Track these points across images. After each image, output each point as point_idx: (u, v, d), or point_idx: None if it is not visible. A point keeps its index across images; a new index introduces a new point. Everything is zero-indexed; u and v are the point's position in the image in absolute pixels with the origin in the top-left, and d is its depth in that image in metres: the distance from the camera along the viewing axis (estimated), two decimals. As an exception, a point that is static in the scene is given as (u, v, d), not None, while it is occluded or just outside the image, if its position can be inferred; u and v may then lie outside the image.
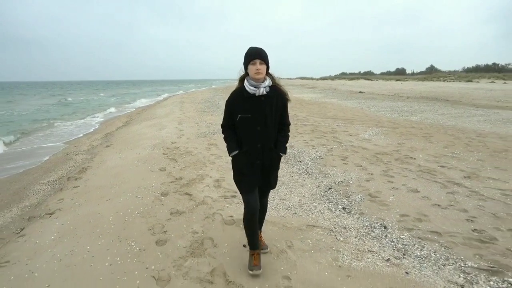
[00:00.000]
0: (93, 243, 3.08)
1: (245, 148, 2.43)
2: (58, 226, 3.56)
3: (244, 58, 2.37)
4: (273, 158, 2.48)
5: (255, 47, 2.35)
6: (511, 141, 7.35)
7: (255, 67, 2.28)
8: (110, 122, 14.84)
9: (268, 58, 2.36)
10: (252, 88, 2.32)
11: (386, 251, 2.88)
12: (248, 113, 2.36)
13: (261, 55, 2.31)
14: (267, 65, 2.35)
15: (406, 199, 4.01)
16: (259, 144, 2.40)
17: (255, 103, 2.35)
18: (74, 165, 6.78)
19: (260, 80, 2.33)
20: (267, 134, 2.41)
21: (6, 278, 2.65)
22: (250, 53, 2.32)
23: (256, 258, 2.54)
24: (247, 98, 2.35)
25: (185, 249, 2.89)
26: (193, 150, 6.72)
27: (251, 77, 2.34)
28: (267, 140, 2.42)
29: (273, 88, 2.40)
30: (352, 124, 10.19)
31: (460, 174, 4.97)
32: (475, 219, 3.45)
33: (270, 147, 2.44)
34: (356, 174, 5.02)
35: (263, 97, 2.35)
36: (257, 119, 2.36)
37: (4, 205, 4.77)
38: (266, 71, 2.36)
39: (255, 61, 2.29)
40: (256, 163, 2.43)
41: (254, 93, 2.33)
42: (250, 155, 2.42)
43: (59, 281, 2.54)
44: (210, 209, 3.74)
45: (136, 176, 5.15)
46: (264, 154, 2.43)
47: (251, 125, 2.38)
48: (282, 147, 2.51)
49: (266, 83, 2.35)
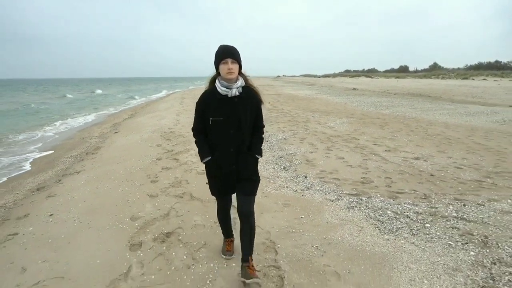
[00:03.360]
0: (110, 183, 4.73)
1: (218, 153, 2.32)
2: (85, 178, 5.21)
3: (215, 57, 2.24)
4: (248, 162, 2.36)
5: (226, 45, 2.24)
6: (450, 129, 8.87)
7: (226, 67, 2.16)
8: (117, 114, 16.55)
9: (240, 57, 2.25)
10: (223, 89, 2.20)
11: (298, 187, 4.48)
12: (221, 116, 2.24)
13: (233, 53, 2.20)
14: (239, 64, 2.25)
15: (331, 163, 5.60)
16: (232, 149, 2.29)
17: (227, 105, 2.23)
18: (90, 145, 8.46)
19: (232, 80, 2.21)
20: (240, 137, 2.30)
21: (56, 202, 4.28)
22: (221, 51, 2.21)
23: (230, 245, 2.75)
24: (219, 99, 2.23)
25: (169, 184, 4.54)
26: (185, 134, 8.35)
27: (222, 77, 2.22)
28: (240, 144, 2.31)
29: (246, 88, 2.30)
30: (327, 116, 11.74)
31: (384, 148, 6.53)
32: (369, 172, 5.03)
33: (243, 151, 2.34)
34: (305, 149, 6.61)
35: (236, 98, 2.24)
36: (230, 122, 2.25)
37: (41, 170, 6.45)
38: (238, 71, 2.26)
39: (227, 60, 2.17)
40: (231, 168, 2.32)
41: (227, 94, 2.21)
42: (223, 160, 2.31)
43: (90, 199, 4.18)
44: (189, 167, 5.37)
45: (138, 150, 6.80)
46: (238, 159, 2.32)
47: (224, 129, 2.26)
48: (258, 148, 2.41)
49: (239, 84, 2.24)
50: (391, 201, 3.89)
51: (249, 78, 2.37)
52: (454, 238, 3.03)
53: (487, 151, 6.27)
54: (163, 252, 2.83)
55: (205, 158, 2.36)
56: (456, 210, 3.60)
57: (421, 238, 3.05)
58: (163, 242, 3.00)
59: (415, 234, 3.12)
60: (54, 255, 2.90)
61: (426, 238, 3.04)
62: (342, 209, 3.72)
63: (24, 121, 14.98)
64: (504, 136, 7.72)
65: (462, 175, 4.80)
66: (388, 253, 2.80)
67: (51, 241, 3.17)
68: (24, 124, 13.96)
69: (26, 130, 12.19)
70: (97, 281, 2.47)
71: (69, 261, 2.77)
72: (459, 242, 2.96)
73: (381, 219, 3.43)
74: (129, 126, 11.03)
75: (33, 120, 15.36)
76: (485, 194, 4.06)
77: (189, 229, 3.25)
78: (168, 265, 2.64)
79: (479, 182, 4.51)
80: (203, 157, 2.37)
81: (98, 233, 3.24)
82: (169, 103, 18.76)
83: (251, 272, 2.31)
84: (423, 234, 3.11)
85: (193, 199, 4.02)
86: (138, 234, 3.17)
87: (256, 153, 2.39)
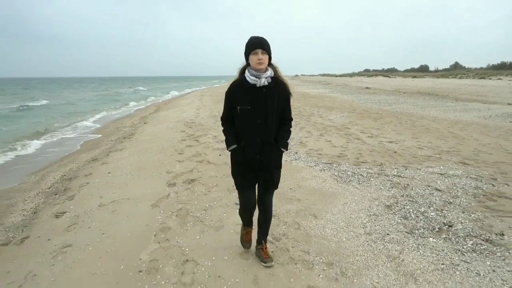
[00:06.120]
0: (148, 154, 6.32)
1: (244, 142, 2.35)
2: (127, 152, 6.84)
3: (245, 48, 2.27)
4: (273, 153, 2.38)
5: (256, 36, 2.25)
6: (436, 122, 10.05)
7: (256, 57, 2.19)
8: (143, 109, 18.42)
9: (270, 48, 2.27)
10: (253, 78, 2.23)
11: (288, 159, 5.90)
12: (248, 105, 2.26)
13: (263, 44, 2.22)
14: (269, 55, 2.27)
15: (319, 144, 6.99)
16: (259, 139, 2.31)
17: (256, 95, 2.26)
18: (125, 132, 10.17)
19: (261, 70, 2.23)
20: (267, 128, 2.31)
21: (110, 166, 5.88)
22: (252, 42, 2.23)
23: (248, 234, 2.72)
24: (248, 89, 2.26)
25: (191, 155, 6.09)
26: (204, 123, 9.92)
27: (252, 67, 2.25)
28: (267, 134, 2.33)
29: (275, 79, 2.31)
30: (330, 111, 13.05)
31: (368, 135, 7.85)
32: (347, 150, 6.40)
33: (270, 142, 2.35)
34: (302, 135, 8.02)
35: (264, 89, 2.26)
36: (258, 112, 2.27)
37: (91, 149, 8.17)
38: (268, 62, 2.27)
39: (257, 51, 2.20)
40: (255, 158, 2.34)
41: (255, 84, 2.24)
42: (249, 149, 2.33)
43: (135, 163, 5.76)
44: (207, 145, 6.91)
45: (166, 134, 8.41)
46: (264, 149, 2.34)
47: (251, 118, 2.28)
48: (284, 142, 2.41)
49: (268, 74, 2.26)
50: (353, 167, 5.28)
51: (278, 69, 2.36)
52: (385, 185, 4.41)
53: (454, 138, 7.50)
54: (189, 187, 4.37)
55: (231, 146, 2.39)
56: (397, 171, 4.96)
57: (363, 185, 4.44)
58: (189, 183, 4.53)
59: (360, 183, 4.52)
60: (119, 190, 4.49)
61: (367, 185, 4.43)
62: (316, 170, 5.15)
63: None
64: (478, 128, 8.88)
65: (418, 153, 6.11)
66: (337, 192, 4.22)
67: (114, 184, 4.76)
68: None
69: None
70: (149, 199, 4.03)
71: (130, 192, 4.35)
72: (387, 186, 4.34)
73: (341, 176, 4.84)
74: (156, 118, 12.73)
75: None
76: (427, 163, 5.38)
77: (206, 178, 4.77)
78: (192, 193, 4.17)
79: (429, 156, 5.82)
80: (229, 145, 2.40)
81: (145, 180, 4.82)
82: (189, 100, 20.51)
83: (264, 255, 2.59)
84: (366, 183, 4.50)
85: (209, 163, 5.54)
86: (173, 179, 4.72)
87: (282, 146, 2.40)
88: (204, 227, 3.30)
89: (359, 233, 3.15)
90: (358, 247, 2.90)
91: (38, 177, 6.01)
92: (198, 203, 3.89)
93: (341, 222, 3.39)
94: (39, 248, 3.14)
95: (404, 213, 3.56)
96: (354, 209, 3.71)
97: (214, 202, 3.91)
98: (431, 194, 4.07)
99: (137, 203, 3.97)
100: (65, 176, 5.83)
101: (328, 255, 2.77)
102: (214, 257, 2.74)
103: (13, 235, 3.58)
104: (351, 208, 3.72)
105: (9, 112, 18.76)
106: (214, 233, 3.17)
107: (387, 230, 3.20)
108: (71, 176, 5.69)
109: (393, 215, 3.54)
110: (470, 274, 2.50)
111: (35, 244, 3.26)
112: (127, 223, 3.46)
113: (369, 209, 3.68)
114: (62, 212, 3.95)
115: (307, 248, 2.89)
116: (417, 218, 3.45)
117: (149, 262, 2.69)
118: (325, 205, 3.82)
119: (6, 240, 3.47)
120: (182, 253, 2.82)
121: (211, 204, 3.86)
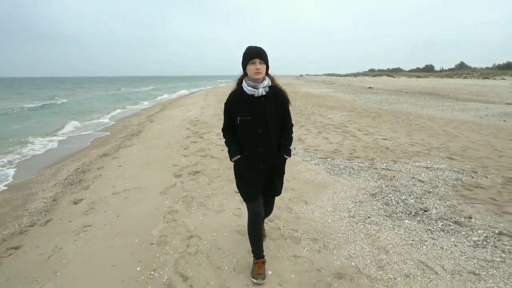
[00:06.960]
0: (155, 150, 6.77)
1: (247, 152, 2.37)
2: (136, 148, 7.30)
3: (243, 58, 2.29)
4: (277, 161, 2.44)
5: (254, 46, 2.28)
6: (432, 121, 10.38)
7: (254, 67, 2.22)
8: (149, 109, 18.94)
9: (267, 58, 2.30)
10: (250, 89, 2.26)
11: (286, 154, 6.32)
12: (248, 116, 2.29)
13: (261, 54, 2.25)
14: (266, 65, 2.30)
15: (317, 141, 7.39)
16: (261, 148, 2.34)
17: (254, 105, 2.29)
18: (132, 130, 10.64)
19: (259, 80, 2.26)
20: (269, 137, 2.34)
21: (120, 160, 6.34)
22: (249, 52, 2.26)
23: (261, 267, 2.48)
24: (246, 99, 2.29)
25: (196, 150, 6.53)
26: (208, 122, 10.37)
27: (250, 77, 2.28)
28: (269, 143, 2.36)
29: (272, 88, 2.34)
30: (331, 110, 13.42)
31: (364, 133, 8.24)
32: (342, 147, 6.80)
33: (273, 151, 2.39)
34: (301, 132, 8.41)
35: (262, 98, 2.29)
36: (258, 122, 2.30)
37: (100, 145, 8.65)
38: (265, 71, 2.30)
39: (255, 61, 2.22)
40: (259, 167, 2.37)
41: (253, 94, 2.27)
42: (252, 159, 2.36)
43: (144, 158, 6.21)
44: (210, 141, 7.34)
45: (172, 131, 8.86)
46: (267, 158, 2.38)
47: (252, 128, 2.31)
48: (286, 149, 2.46)
49: (265, 83, 2.29)
50: (346, 161, 5.68)
51: (275, 78, 2.40)
52: (374, 176, 4.81)
53: (446, 135, 7.86)
54: (194, 178, 4.81)
55: (234, 157, 2.40)
56: (386, 165, 5.35)
57: (353, 177, 4.84)
58: (194, 175, 4.97)
59: (351, 175, 4.92)
60: (130, 181, 4.93)
61: (356, 177, 4.83)
62: (311, 164, 5.55)
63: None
64: (471, 126, 9.21)
65: (409, 149, 6.49)
66: (328, 183, 4.62)
67: (125, 176, 5.21)
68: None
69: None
70: (158, 188, 4.47)
71: (140, 182, 4.79)
72: (375, 178, 4.74)
73: (333, 169, 5.24)
74: (161, 117, 13.20)
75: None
76: (416, 158, 5.77)
77: (210, 170, 5.20)
78: (197, 183, 4.61)
79: (418, 152, 6.20)
80: (232, 156, 2.41)
81: (154, 172, 5.26)
82: (194, 99, 21.00)
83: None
84: (356, 176, 4.90)
85: (212, 158, 5.97)
86: (179, 171, 5.17)
87: (285, 153, 2.45)
88: (207, 210, 3.73)
89: (343, 216, 3.56)
90: (341, 227, 3.31)
91: (53, 170, 6.49)
92: (202, 191, 4.33)
93: (329, 207, 3.80)
94: (62, 228, 3.59)
95: (387, 201, 3.96)
96: (342, 197, 4.11)
97: (216, 190, 4.33)
98: (414, 184, 4.46)
99: (147, 191, 4.42)
100: (78, 169, 6.30)
101: (314, 233, 3.18)
102: (215, 233, 3.18)
103: (37, 218, 4.04)
104: (339, 196, 4.13)
105: (34, 109, 20.73)
106: (216, 215, 3.60)
107: (368, 214, 3.60)
108: (85, 169, 6.16)
109: (376, 201, 3.94)
110: (435, 248, 2.90)
111: (58, 225, 3.71)
112: (138, 207, 3.90)
113: (355, 197, 4.09)
114: (79, 199, 4.40)
115: (296, 227, 3.31)
116: (397, 204, 3.85)
117: (159, 237, 3.13)
118: (316, 194, 4.23)
119: (32, 223, 3.94)
120: (187, 230, 3.25)
121: (214, 192, 4.29)
